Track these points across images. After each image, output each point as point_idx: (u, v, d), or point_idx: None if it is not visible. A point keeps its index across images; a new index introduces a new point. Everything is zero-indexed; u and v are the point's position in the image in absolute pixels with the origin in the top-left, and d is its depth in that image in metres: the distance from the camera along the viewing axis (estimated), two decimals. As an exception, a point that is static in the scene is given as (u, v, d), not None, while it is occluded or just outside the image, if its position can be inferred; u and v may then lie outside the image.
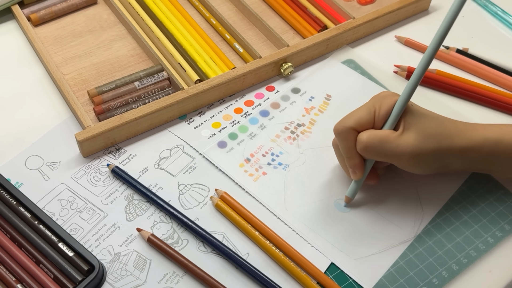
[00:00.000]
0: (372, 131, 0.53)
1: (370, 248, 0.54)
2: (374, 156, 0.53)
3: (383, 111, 0.53)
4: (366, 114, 0.53)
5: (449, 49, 0.72)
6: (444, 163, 0.54)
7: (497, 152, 0.53)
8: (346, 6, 0.75)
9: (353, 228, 0.55)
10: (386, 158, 0.53)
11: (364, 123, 0.53)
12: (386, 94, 0.54)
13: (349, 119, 0.53)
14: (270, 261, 0.53)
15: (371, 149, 0.52)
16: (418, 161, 0.52)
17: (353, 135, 0.53)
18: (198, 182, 0.58)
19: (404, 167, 0.54)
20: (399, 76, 0.69)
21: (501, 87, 0.68)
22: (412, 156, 0.52)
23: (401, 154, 0.52)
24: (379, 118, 0.53)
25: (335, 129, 0.54)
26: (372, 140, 0.52)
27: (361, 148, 0.53)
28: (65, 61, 0.68)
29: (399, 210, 0.56)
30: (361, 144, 0.52)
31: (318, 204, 0.57)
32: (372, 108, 0.53)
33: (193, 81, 0.63)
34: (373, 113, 0.53)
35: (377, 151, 0.52)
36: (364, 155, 0.53)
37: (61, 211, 0.55)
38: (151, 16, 0.72)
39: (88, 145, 0.59)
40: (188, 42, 0.69)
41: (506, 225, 0.56)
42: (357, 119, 0.53)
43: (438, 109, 0.57)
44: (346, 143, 0.54)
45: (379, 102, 0.53)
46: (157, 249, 0.53)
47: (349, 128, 0.53)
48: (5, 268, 0.50)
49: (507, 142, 0.53)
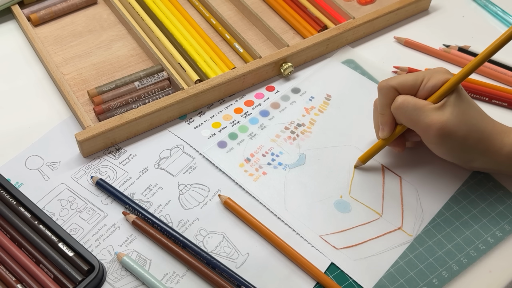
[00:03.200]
0: (411, 96, 0.53)
1: (370, 248, 0.54)
2: (404, 119, 0.54)
3: (431, 84, 0.53)
4: (412, 80, 0.54)
5: (450, 47, 0.72)
6: (467, 157, 0.54)
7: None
8: (346, 6, 0.75)
9: (353, 228, 0.55)
10: (414, 126, 0.54)
11: (407, 88, 0.54)
12: (440, 70, 0.54)
13: (395, 79, 0.54)
14: (270, 261, 0.53)
15: (403, 111, 0.53)
16: (443, 140, 0.52)
17: (392, 93, 0.54)
18: (198, 182, 0.58)
19: (428, 142, 0.54)
20: (399, 76, 0.69)
21: (503, 83, 0.68)
22: (439, 133, 0.52)
23: (429, 126, 0.52)
24: (423, 89, 0.53)
25: (379, 84, 0.55)
26: (407, 102, 0.53)
27: (394, 107, 0.54)
28: (65, 61, 0.68)
29: (399, 210, 0.56)
30: (396, 103, 0.54)
31: (318, 204, 0.56)
32: (420, 77, 0.54)
33: (193, 81, 0.63)
34: (420, 82, 0.54)
35: (408, 114, 0.53)
36: (395, 115, 0.54)
37: (61, 211, 0.55)
38: (151, 16, 0.72)
39: (88, 145, 0.59)
40: (188, 42, 0.69)
41: (506, 225, 0.56)
42: (402, 81, 0.54)
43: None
44: (383, 99, 0.55)
45: (430, 74, 0.54)
46: (141, 231, 0.53)
47: (391, 86, 0.54)
48: (5, 268, 0.50)
49: None
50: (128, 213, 0.55)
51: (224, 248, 0.53)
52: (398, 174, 0.59)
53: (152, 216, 0.54)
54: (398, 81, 0.54)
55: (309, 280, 0.51)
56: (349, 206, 0.57)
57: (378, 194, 0.57)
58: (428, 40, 0.73)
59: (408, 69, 0.68)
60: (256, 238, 0.54)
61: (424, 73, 0.54)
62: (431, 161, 0.59)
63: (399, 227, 0.55)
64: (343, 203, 0.57)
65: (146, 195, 0.57)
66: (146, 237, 0.54)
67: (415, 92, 0.54)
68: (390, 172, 0.59)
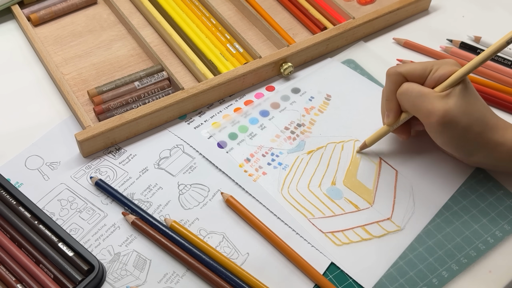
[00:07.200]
0: (418, 84, 0.54)
1: (355, 235, 0.54)
2: (408, 105, 0.54)
3: (438, 74, 0.53)
4: (420, 69, 0.54)
5: (453, 42, 0.72)
6: (468, 149, 0.54)
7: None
8: (346, 6, 0.75)
9: (342, 215, 0.55)
10: (417, 112, 0.54)
11: (415, 76, 0.54)
12: (449, 61, 0.55)
13: (403, 66, 0.55)
14: (270, 261, 0.53)
15: (407, 96, 0.54)
16: (444, 128, 0.52)
17: (400, 80, 0.55)
18: (198, 182, 0.58)
19: (429, 131, 0.54)
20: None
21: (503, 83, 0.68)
22: (441, 120, 0.52)
23: (432, 113, 0.52)
24: (431, 79, 0.54)
25: (388, 70, 0.56)
26: (412, 88, 0.54)
27: (400, 92, 0.55)
28: (65, 61, 0.68)
29: (391, 202, 0.56)
30: (401, 89, 0.54)
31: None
32: (429, 67, 0.54)
33: (206, 77, 0.64)
34: (428, 71, 0.54)
35: (412, 100, 0.54)
36: (400, 101, 0.55)
37: (61, 211, 0.55)
38: (161, 12, 0.72)
39: (88, 145, 0.59)
40: (200, 38, 0.69)
41: (506, 225, 0.56)
42: (410, 69, 0.54)
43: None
44: (391, 86, 0.55)
45: (438, 65, 0.54)
46: (141, 231, 0.54)
47: (399, 73, 0.55)
48: (5, 268, 0.50)
49: None
50: (128, 213, 0.55)
51: (224, 248, 0.53)
52: (395, 168, 0.59)
53: (151, 217, 0.54)
54: (407, 68, 0.55)
55: (308, 281, 0.51)
56: (341, 193, 0.57)
57: (372, 185, 0.58)
58: (428, 40, 0.73)
59: (411, 62, 0.68)
60: (256, 238, 0.54)
61: (433, 63, 0.55)
62: (432, 159, 0.59)
63: (388, 217, 0.55)
64: (336, 190, 0.57)
65: (146, 195, 0.57)
66: (146, 237, 0.54)
67: (423, 81, 0.54)
68: (387, 165, 0.59)
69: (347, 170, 0.59)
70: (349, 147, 0.61)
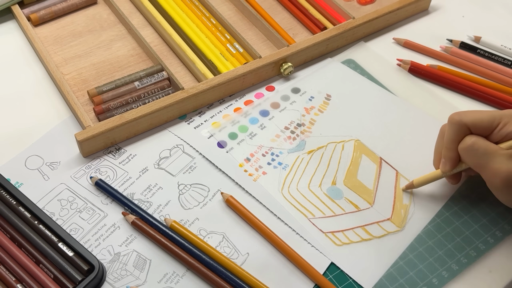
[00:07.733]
0: (483, 139, 0.50)
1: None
2: (471, 161, 0.51)
3: (506, 130, 0.50)
4: (487, 122, 0.50)
5: (453, 42, 0.72)
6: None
7: None
8: (346, 6, 0.75)
9: (342, 215, 0.55)
10: (481, 170, 0.51)
11: (481, 128, 0.51)
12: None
13: (469, 115, 0.51)
14: (270, 261, 0.53)
15: (471, 154, 0.51)
16: (510, 189, 0.50)
17: (463, 131, 0.51)
18: (198, 182, 0.58)
19: (493, 189, 0.51)
20: (400, 75, 0.69)
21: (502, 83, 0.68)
22: (506, 183, 0.49)
23: (496, 173, 0.49)
24: (498, 133, 0.50)
25: (451, 117, 0.52)
26: (477, 145, 0.50)
27: (462, 148, 0.51)
28: (65, 61, 0.68)
29: (391, 203, 0.56)
30: (465, 144, 0.51)
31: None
32: (496, 119, 0.50)
33: (206, 77, 0.64)
34: (495, 125, 0.50)
35: (476, 158, 0.50)
36: (462, 155, 0.52)
37: (61, 211, 0.55)
38: (161, 12, 0.72)
39: (88, 145, 0.59)
40: (200, 39, 0.69)
41: (506, 225, 0.56)
42: (476, 120, 0.51)
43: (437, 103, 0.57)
44: (452, 135, 0.52)
45: (508, 118, 0.50)
46: (141, 231, 0.54)
47: (464, 124, 0.51)
48: (5, 268, 0.50)
49: None
50: (128, 213, 0.55)
51: (224, 248, 0.53)
52: (395, 168, 0.59)
53: (151, 217, 0.54)
54: (472, 119, 0.50)
55: (308, 281, 0.51)
56: (342, 193, 0.57)
57: (372, 185, 0.58)
58: (428, 40, 0.73)
59: (410, 62, 0.68)
60: (256, 238, 0.54)
61: (502, 114, 0.51)
62: (432, 159, 0.59)
63: (388, 218, 0.55)
64: (336, 190, 0.57)
65: (146, 195, 0.57)
66: (146, 237, 0.54)
67: (488, 134, 0.51)
68: (387, 165, 0.59)
69: (347, 170, 0.59)
70: (349, 147, 0.61)
